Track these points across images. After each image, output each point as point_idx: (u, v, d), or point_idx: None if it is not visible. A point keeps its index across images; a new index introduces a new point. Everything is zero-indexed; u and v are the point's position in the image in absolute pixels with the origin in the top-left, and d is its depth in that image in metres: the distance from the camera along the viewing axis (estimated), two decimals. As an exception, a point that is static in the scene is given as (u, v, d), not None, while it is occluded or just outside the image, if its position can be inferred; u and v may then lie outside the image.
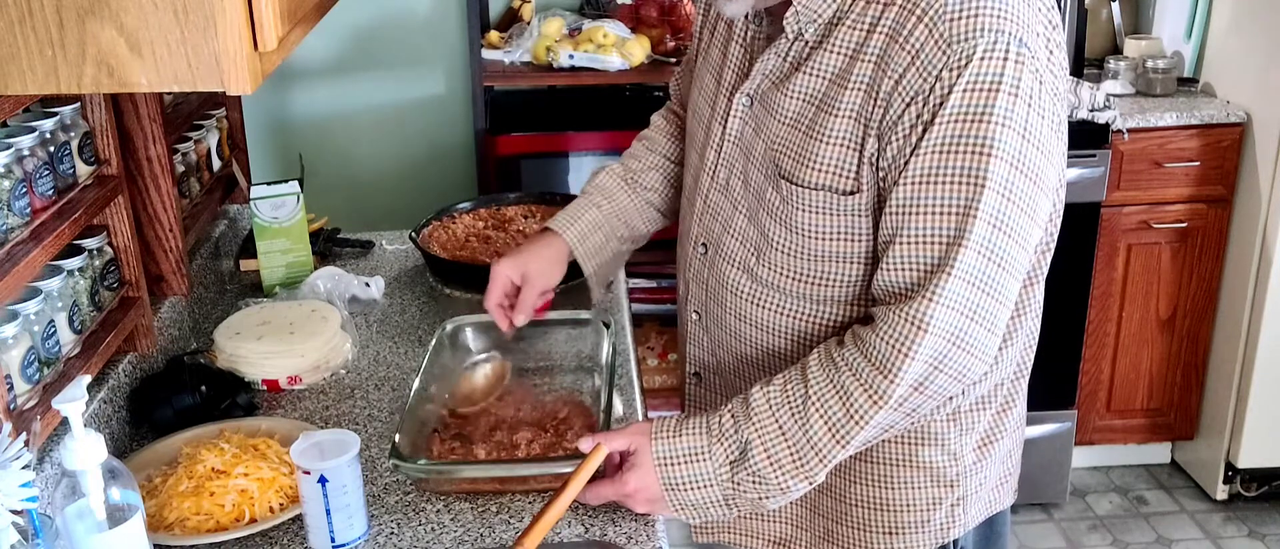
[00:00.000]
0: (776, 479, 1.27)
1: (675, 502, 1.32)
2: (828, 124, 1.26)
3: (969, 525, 1.44)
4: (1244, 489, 3.13)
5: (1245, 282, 2.96)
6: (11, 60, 1.00)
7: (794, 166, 1.29)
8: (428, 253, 2.04)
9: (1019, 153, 1.18)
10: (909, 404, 1.23)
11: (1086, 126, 2.83)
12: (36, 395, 1.33)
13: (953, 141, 1.17)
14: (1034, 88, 1.18)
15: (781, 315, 1.37)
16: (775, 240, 1.34)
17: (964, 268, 1.19)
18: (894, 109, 1.20)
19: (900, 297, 1.22)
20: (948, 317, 1.19)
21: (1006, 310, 1.23)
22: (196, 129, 1.99)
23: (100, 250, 1.53)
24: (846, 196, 1.26)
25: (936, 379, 1.22)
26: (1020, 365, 1.42)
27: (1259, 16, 2.89)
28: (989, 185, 1.17)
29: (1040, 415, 3.04)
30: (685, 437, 1.31)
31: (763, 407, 1.28)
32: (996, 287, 1.21)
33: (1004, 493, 1.50)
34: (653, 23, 2.95)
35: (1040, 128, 1.20)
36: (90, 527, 1.10)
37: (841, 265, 1.31)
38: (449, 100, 3.21)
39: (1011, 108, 1.17)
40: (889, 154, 1.22)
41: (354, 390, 1.70)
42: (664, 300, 3.00)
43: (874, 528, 1.42)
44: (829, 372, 1.25)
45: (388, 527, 1.37)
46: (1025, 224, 1.21)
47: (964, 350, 1.21)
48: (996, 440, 1.42)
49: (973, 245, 1.18)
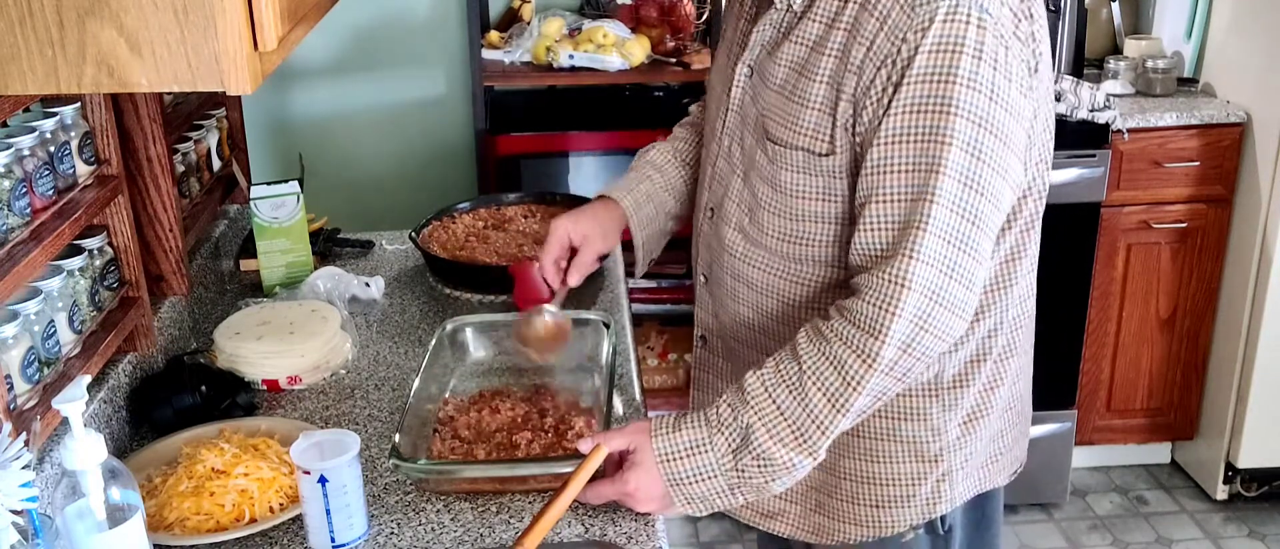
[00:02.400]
0: (782, 457, 1.29)
1: (681, 496, 1.33)
2: (807, 89, 1.32)
3: (956, 502, 1.46)
4: (1244, 489, 3.12)
5: (1245, 282, 2.96)
6: (12, 60, 1.00)
7: (779, 129, 1.36)
8: (428, 253, 2.04)
9: (986, 113, 1.23)
10: (900, 367, 1.26)
11: (1086, 126, 2.83)
12: (36, 395, 1.33)
13: (919, 102, 1.23)
14: (998, 51, 1.23)
15: (769, 274, 1.42)
16: (764, 201, 1.40)
17: (937, 224, 1.23)
18: (867, 75, 1.26)
19: (878, 258, 1.27)
20: (927, 273, 1.23)
21: (981, 268, 1.27)
22: (196, 129, 1.99)
23: (100, 250, 1.53)
24: (822, 158, 1.33)
25: (922, 339, 1.25)
26: (1008, 346, 1.44)
27: (1259, 16, 2.89)
28: (954, 143, 1.22)
29: (1040, 415, 3.02)
30: (685, 431, 1.32)
31: (758, 389, 1.30)
32: (970, 243, 1.25)
33: (994, 473, 1.51)
34: (653, 23, 2.95)
35: (1007, 90, 1.25)
36: (90, 527, 1.10)
37: (820, 225, 1.36)
38: (449, 100, 3.21)
39: (975, 70, 1.22)
40: (865, 119, 1.28)
41: (354, 390, 1.70)
42: (664, 300, 3.01)
43: (861, 501, 1.46)
44: (819, 345, 1.28)
45: (388, 527, 1.37)
46: (996, 183, 1.26)
47: (944, 307, 1.25)
48: (982, 418, 1.45)
49: (943, 202, 1.23)
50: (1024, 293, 1.43)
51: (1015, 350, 1.45)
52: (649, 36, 2.92)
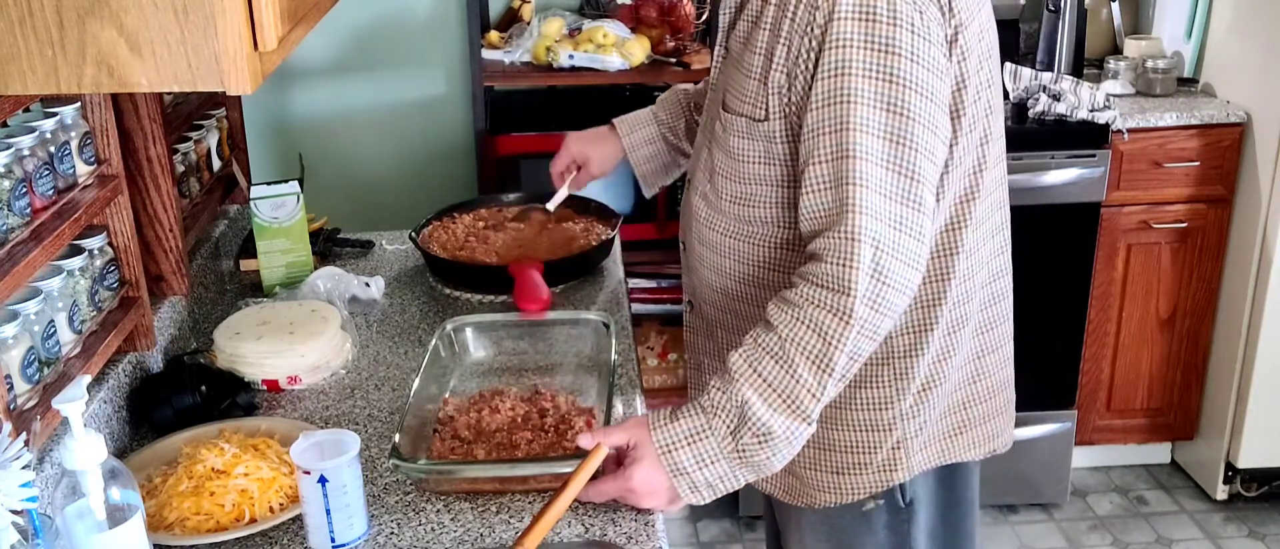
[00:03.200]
0: (780, 427, 1.31)
1: (685, 485, 1.34)
2: (749, 60, 1.42)
3: (913, 470, 1.50)
4: (1244, 489, 3.13)
5: (1245, 282, 2.96)
6: (12, 60, 1.00)
7: (731, 100, 1.46)
8: (428, 253, 2.04)
9: (907, 73, 1.29)
10: (871, 324, 1.30)
11: (1086, 126, 2.84)
12: (36, 395, 1.33)
13: (840, 65, 1.30)
14: (912, 15, 1.30)
15: (726, 237, 1.50)
16: (719, 167, 1.49)
17: (870, 179, 1.29)
18: (794, 45, 1.35)
19: (825, 218, 1.32)
20: (873, 225, 1.29)
21: (925, 219, 1.32)
22: (196, 129, 1.99)
23: (100, 250, 1.53)
24: (758, 123, 1.41)
25: (885, 294, 1.30)
26: (958, 316, 1.46)
27: (1259, 16, 2.89)
28: (866, 101, 1.29)
29: (1040, 415, 3.04)
30: (681, 420, 1.34)
31: (742, 366, 1.33)
32: (909, 195, 1.31)
33: (960, 447, 1.53)
34: (653, 23, 2.95)
35: (927, 51, 1.31)
36: (90, 527, 1.10)
37: (764, 188, 1.43)
38: (449, 100, 3.21)
39: (892, 34, 1.29)
40: (798, 87, 1.35)
41: (354, 390, 1.70)
42: (664, 300, 3.01)
43: (823, 467, 1.51)
44: (792, 311, 1.32)
45: (388, 527, 1.37)
46: (926, 137, 1.32)
47: (898, 259, 1.30)
48: (935, 387, 1.48)
49: (868, 157, 1.29)
50: (973, 265, 1.46)
51: (967, 321, 1.48)
52: (649, 36, 2.92)
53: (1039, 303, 2.86)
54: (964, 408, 1.53)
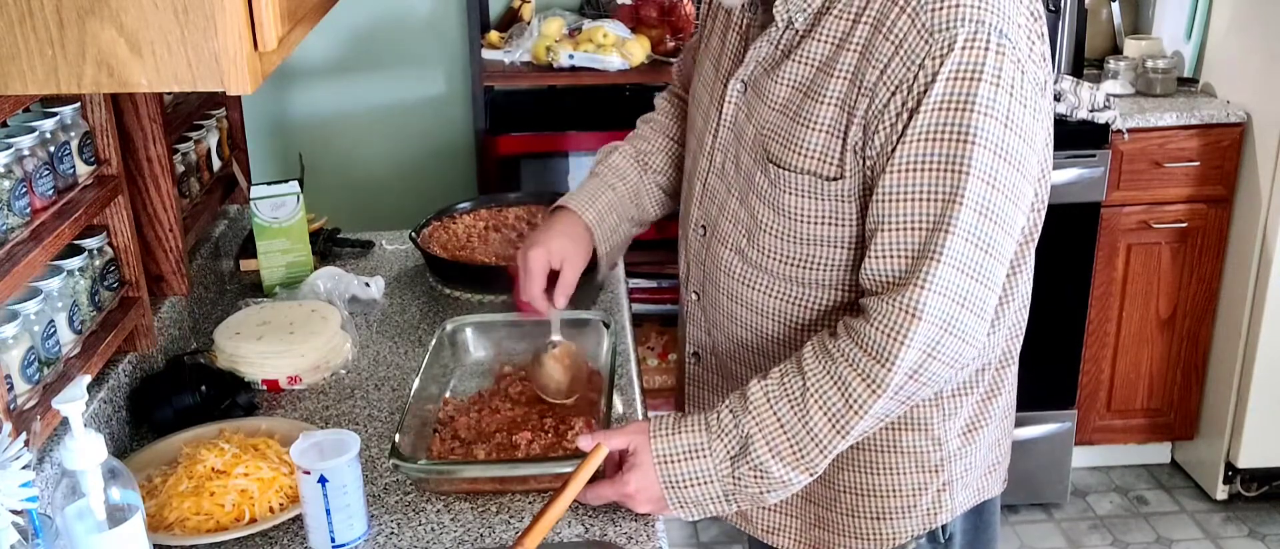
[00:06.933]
0: (779, 472, 1.28)
1: (675, 499, 1.32)
2: (814, 111, 1.29)
3: (956, 511, 1.46)
4: (1244, 489, 3.13)
5: (1245, 282, 2.96)
6: (11, 60, 1.00)
7: (781, 151, 1.32)
8: (428, 253, 2.04)
9: (1002, 141, 1.20)
10: (905, 391, 1.25)
11: (1086, 126, 2.83)
12: (36, 395, 1.33)
13: (937, 129, 1.20)
14: (1016, 77, 1.21)
15: (770, 297, 1.39)
16: (764, 223, 1.36)
17: (952, 254, 1.21)
18: (879, 98, 1.23)
19: (889, 285, 1.24)
20: (940, 303, 1.21)
21: (995, 296, 1.26)
22: (196, 129, 1.99)
23: (100, 250, 1.53)
24: (831, 182, 1.29)
25: (931, 366, 1.23)
26: (1005, 354, 1.44)
27: (1259, 16, 2.89)
28: (974, 173, 1.20)
29: (1040, 415, 3.04)
30: (684, 434, 1.32)
31: (761, 400, 1.29)
32: (985, 273, 1.23)
33: (992, 481, 1.51)
34: (653, 23, 2.95)
35: (1022, 117, 1.22)
36: (90, 527, 1.10)
37: (827, 249, 1.33)
38: (449, 100, 3.21)
39: (994, 97, 1.19)
40: (877, 143, 1.24)
41: (354, 390, 1.70)
42: (664, 300, 3.01)
43: (862, 513, 1.44)
44: (825, 363, 1.26)
45: (388, 527, 1.37)
46: (1010, 211, 1.24)
47: (956, 337, 1.23)
48: (982, 427, 1.44)
49: (960, 232, 1.20)
50: (1022, 303, 1.43)
51: (1012, 359, 1.45)
52: (649, 36, 2.92)
53: (1039, 303, 2.84)
54: (997, 444, 1.49)
